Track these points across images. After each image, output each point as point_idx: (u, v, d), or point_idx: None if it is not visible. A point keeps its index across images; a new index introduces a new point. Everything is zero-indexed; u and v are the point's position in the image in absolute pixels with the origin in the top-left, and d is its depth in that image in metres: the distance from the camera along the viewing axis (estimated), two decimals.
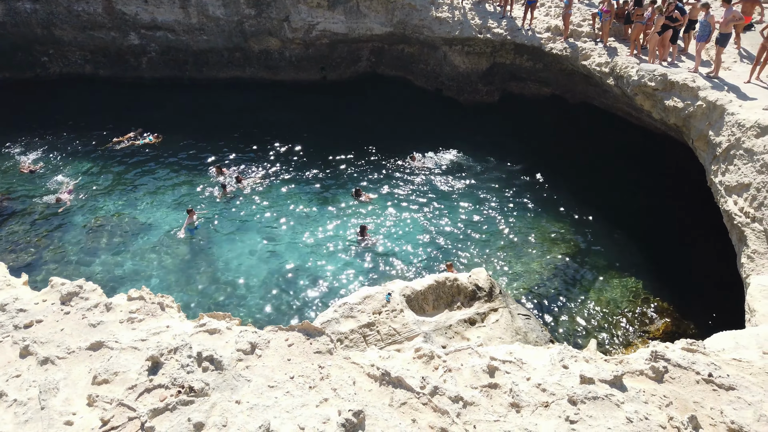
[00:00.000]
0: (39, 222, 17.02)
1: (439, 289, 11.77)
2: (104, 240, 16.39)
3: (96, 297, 4.50)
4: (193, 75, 24.50)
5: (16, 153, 20.20)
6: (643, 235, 16.10)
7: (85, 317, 4.31)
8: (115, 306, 4.38)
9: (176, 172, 19.31)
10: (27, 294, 4.69)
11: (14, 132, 21.40)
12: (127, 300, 4.45)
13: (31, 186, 18.52)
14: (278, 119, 22.31)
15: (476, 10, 20.97)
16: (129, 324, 4.22)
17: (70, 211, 17.43)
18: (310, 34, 22.97)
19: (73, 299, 4.45)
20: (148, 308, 4.33)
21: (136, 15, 23.28)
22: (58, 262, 15.48)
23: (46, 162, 19.70)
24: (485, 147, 20.19)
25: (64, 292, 4.40)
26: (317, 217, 17.28)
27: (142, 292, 4.57)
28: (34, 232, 16.60)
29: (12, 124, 21.84)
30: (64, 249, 15.95)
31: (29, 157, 19.53)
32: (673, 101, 14.65)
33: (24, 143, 20.81)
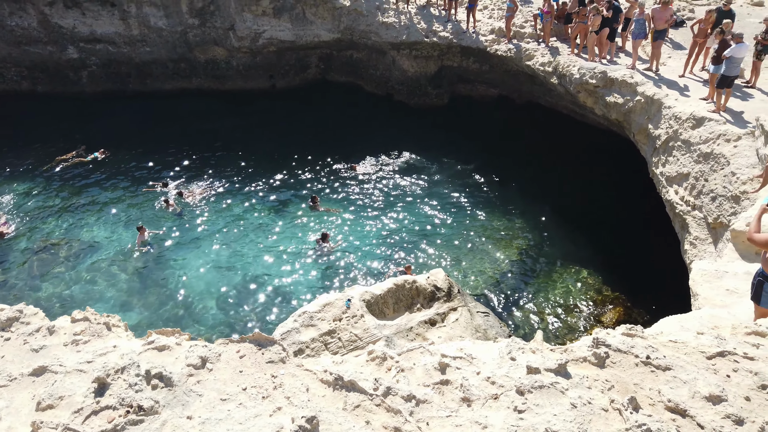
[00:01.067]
0: None
1: (399, 292, 11.84)
2: (51, 262, 15.78)
3: (38, 321, 4.36)
4: (137, 87, 23.89)
5: None
6: (593, 229, 16.60)
7: (27, 342, 4.16)
8: (58, 329, 4.24)
9: (124, 188, 18.78)
10: None
11: None
12: (71, 322, 4.32)
13: None
14: (228, 129, 21.99)
15: (421, 15, 21.24)
16: (74, 346, 4.10)
17: (12, 236, 16.72)
18: (256, 43, 22.77)
19: (14, 325, 4.29)
20: (93, 329, 4.21)
21: (74, 28, 22.56)
22: (2, 288, 14.83)
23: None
24: (438, 149, 20.44)
25: (3, 318, 4.24)
26: (272, 227, 17.12)
27: (86, 312, 4.44)
28: None
29: None
30: (7, 275, 15.29)
31: None
32: (613, 97, 15.20)
33: None
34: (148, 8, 21.98)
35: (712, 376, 3.69)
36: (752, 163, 10.98)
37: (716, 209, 11.11)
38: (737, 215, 10.19)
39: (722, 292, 8.11)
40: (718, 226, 11.03)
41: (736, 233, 9.18)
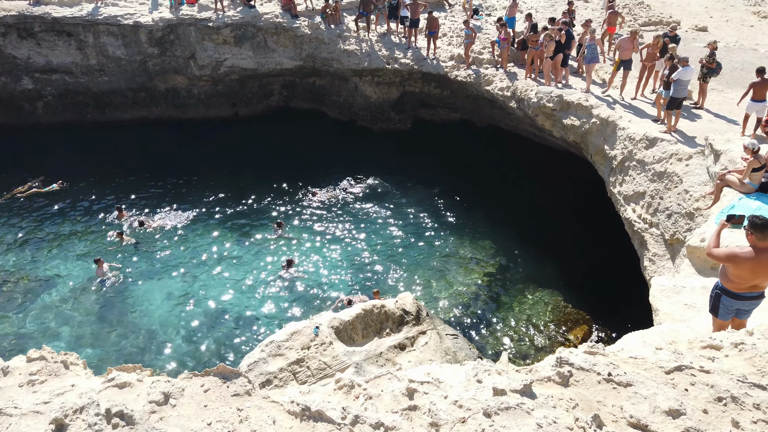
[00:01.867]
0: None
1: (368, 317, 11.79)
2: (4, 298, 15.18)
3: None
4: (96, 117, 23.43)
5: None
6: (557, 248, 16.91)
7: None
8: (13, 369, 4.07)
9: (81, 220, 18.27)
10: None
11: None
12: (26, 362, 4.15)
13: None
14: (189, 158, 21.71)
15: (383, 42, 21.60)
16: (30, 387, 3.94)
17: None
18: (218, 71, 22.71)
19: None
20: (50, 368, 4.06)
21: (29, 58, 22.09)
22: None
23: None
24: (402, 173, 20.62)
25: None
26: (237, 255, 16.88)
27: (42, 351, 4.28)
28: None
29: None
30: None
31: None
32: (570, 120, 15.68)
33: None
34: (105, 38, 21.72)
35: (671, 391, 3.79)
36: (704, 181, 11.44)
37: (672, 226, 11.50)
38: (692, 231, 10.57)
39: (681, 306, 8.36)
40: (674, 242, 11.40)
41: (691, 249, 9.50)
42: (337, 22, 21.98)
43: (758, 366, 4.18)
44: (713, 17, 21.99)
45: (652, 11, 21.83)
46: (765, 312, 6.53)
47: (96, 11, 21.38)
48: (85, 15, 21.22)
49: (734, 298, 6.12)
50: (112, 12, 21.41)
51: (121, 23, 21.27)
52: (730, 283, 6.07)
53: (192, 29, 21.71)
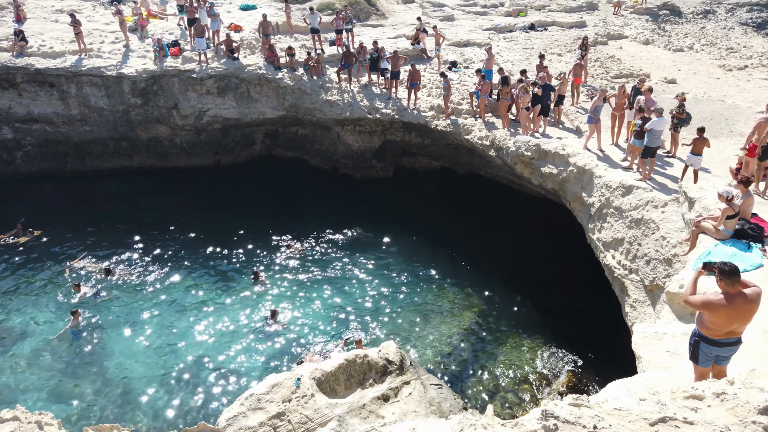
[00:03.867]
0: None
1: (350, 368, 11.59)
2: None
3: None
4: (75, 166, 23.29)
5: None
6: (539, 296, 16.96)
7: None
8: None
9: (55, 270, 17.91)
10: None
11: None
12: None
13: None
14: (169, 206, 21.56)
15: (364, 92, 22.07)
16: None
17: None
18: (201, 120, 22.90)
19: None
20: (24, 429, 3.89)
21: (9, 109, 22.06)
22: None
23: None
24: (384, 221, 20.70)
25: None
26: (216, 304, 16.61)
27: (16, 411, 4.11)
28: None
29: None
30: None
31: None
32: (548, 168, 16.02)
33: None
34: (88, 88, 21.86)
35: None
36: (680, 228, 11.69)
37: (651, 272, 11.65)
38: (671, 277, 10.72)
39: (663, 353, 8.39)
40: (654, 288, 11.53)
41: (671, 295, 9.61)
42: (320, 74, 22.47)
43: (740, 416, 4.20)
44: (681, 70, 22.96)
45: (623, 64, 22.73)
46: (743, 358, 6.59)
47: (79, 62, 21.58)
48: (69, 66, 21.40)
49: (712, 345, 6.18)
50: (95, 63, 21.62)
51: (104, 74, 21.46)
52: (707, 329, 6.15)
53: (176, 80, 21.98)
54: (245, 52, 23.14)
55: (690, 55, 25.22)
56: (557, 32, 26.84)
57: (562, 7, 30.39)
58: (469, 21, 28.43)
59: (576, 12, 29.88)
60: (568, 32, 26.66)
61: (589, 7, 30.43)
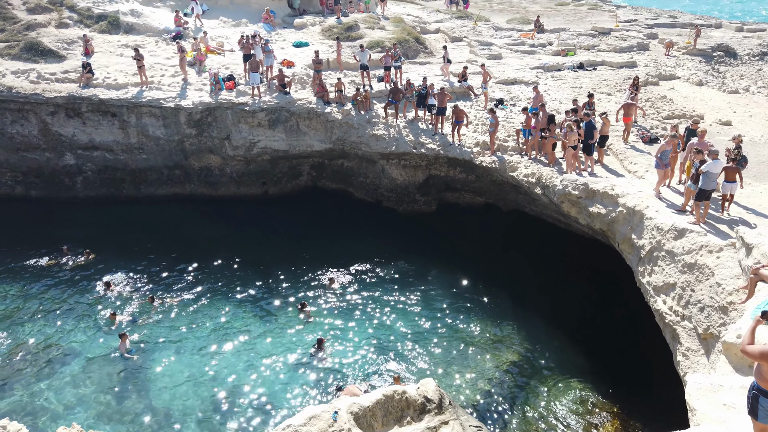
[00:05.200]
0: None
1: (388, 404, 11.43)
2: (26, 369, 15.20)
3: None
4: (131, 193, 24.29)
5: None
6: (585, 337, 16.49)
7: None
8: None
9: (107, 292, 18.50)
10: None
11: None
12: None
13: None
14: (217, 234, 22.16)
15: (410, 128, 22.32)
16: None
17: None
18: (251, 152, 23.58)
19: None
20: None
21: (73, 136, 23.31)
22: None
23: None
24: (426, 256, 20.64)
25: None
26: (259, 334, 16.79)
27: (72, 429, 4.23)
28: None
29: None
30: None
31: None
32: (596, 208, 15.71)
33: None
34: (147, 119, 22.93)
35: None
36: (736, 274, 11.21)
37: (705, 320, 11.17)
38: (727, 326, 10.24)
39: (719, 407, 7.98)
40: (708, 337, 11.03)
41: (727, 345, 9.18)
42: (367, 109, 22.91)
43: None
44: (737, 112, 22.34)
45: (675, 105, 22.29)
46: None
47: (140, 94, 22.71)
48: (130, 97, 22.54)
49: None
50: (155, 95, 22.71)
51: (163, 105, 22.49)
52: (767, 382, 5.83)
53: (229, 112, 22.80)
54: (296, 87, 23.85)
55: (746, 97, 24.55)
56: (606, 72, 26.66)
57: (612, 47, 30.23)
58: (516, 59, 28.58)
59: (626, 52, 29.64)
60: (618, 72, 26.44)
61: (639, 48, 30.16)
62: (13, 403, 13.96)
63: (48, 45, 25.05)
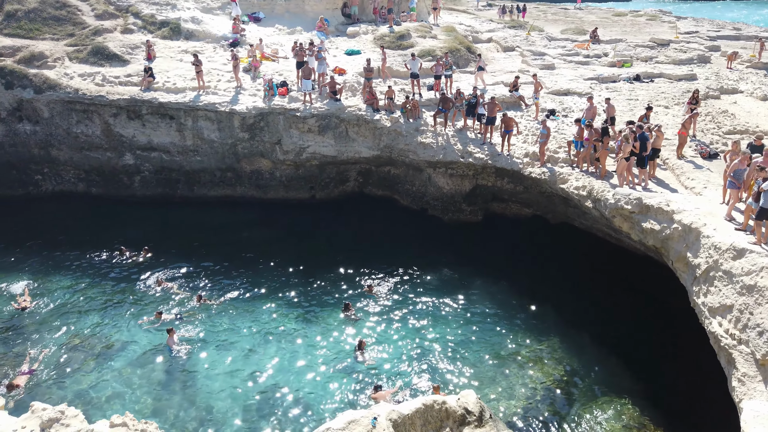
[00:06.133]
0: (9, 339, 16.54)
1: (427, 413, 11.36)
2: (80, 359, 15.86)
3: (77, 423, 4.34)
4: (185, 193, 25.10)
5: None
6: (633, 356, 15.97)
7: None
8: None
9: (158, 290, 19.13)
10: (5, 420, 4.48)
11: (2, 248, 21.38)
12: (109, 426, 4.28)
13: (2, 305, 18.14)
14: (265, 236, 22.61)
15: (458, 136, 22.25)
16: None
17: (44, 328, 16.98)
18: (300, 156, 24.00)
19: (54, 426, 4.29)
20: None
21: (133, 137, 24.30)
22: (32, 382, 14.84)
23: (34, 278, 19.45)
24: (471, 266, 20.45)
25: (45, 418, 4.25)
26: (303, 335, 16.99)
27: (125, 418, 4.41)
28: (4, 351, 16.07)
29: (4, 240, 21.89)
30: (36, 365, 15.36)
31: (21, 287, 18.85)
32: (649, 224, 15.22)
33: (10, 260, 20.70)
34: (203, 122, 23.68)
35: None
36: None
37: (764, 345, 10.64)
38: None
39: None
40: (767, 363, 10.51)
41: None
42: (416, 117, 22.98)
43: None
44: None
45: (737, 120, 21.40)
46: None
47: (197, 98, 23.49)
48: (188, 101, 23.35)
49: None
50: (211, 99, 23.45)
51: (218, 110, 23.19)
52: None
53: (281, 117, 23.30)
54: (347, 94, 24.16)
55: None
56: (664, 84, 25.87)
57: (670, 59, 29.33)
58: (570, 70, 28.11)
59: (686, 64, 28.70)
60: (677, 85, 25.62)
61: (700, 60, 29.16)
62: (68, 391, 14.58)
63: (113, 50, 26.24)
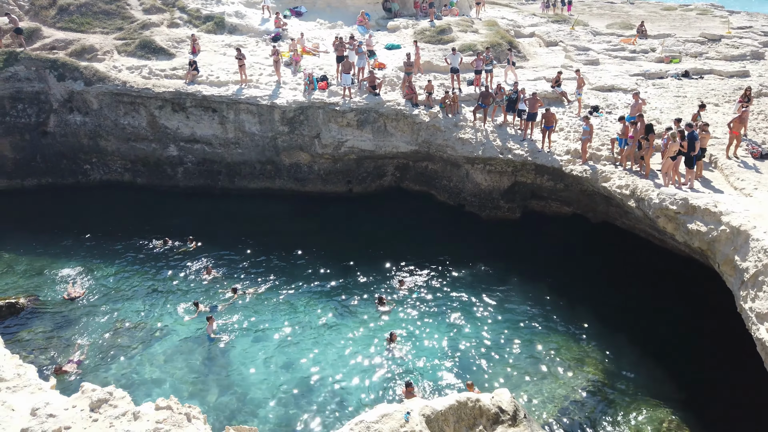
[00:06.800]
0: (60, 324, 17.22)
1: (461, 410, 11.33)
2: (124, 344, 16.43)
3: (125, 405, 4.52)
4: (225, 185, 25.61)
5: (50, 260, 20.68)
6: (674, 362, 15.56)
7: (113, 426, 4.30)
8: (142, 415, 4.37)
9: (202, 279, 19.61)
10: (57, 399, 4.71)
11: (53, 234, 22.23)
12: (154, 409, 4.44)
13: (53, 291, 18.88)
14: (302, 229, 22.89)
15: (498, 132, 22.00)
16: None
17: (91, 313, 17.63)
18: (338, 150, 24.17)
19: (103, 406, 4.47)
20: (174, 419, 4.30)
21: (177, 129, 24.90)
22: (79, 365, 15.46)
23: (83, 266, 20.18)
24: (508, 263, 20.23)
25: (95, 399, 4.43)
26: (337, 326, 17.18)
27: (170, 401, 4.56)
28: (56, 334, 16.76)
29: (52, 226, 22.76)
30: (84, 352, 15.98)
31: (73, 280, 19.38)
32: (695, 225, 14.76)
33: (60, 247, 21.52)
34: (245, 115, 24.08)
35: None
36: None
37: None
38: None
39: None
40: None
41: None
42: (455, 112, 22.82)
43: None
44: None
45: None
46: None
47: (240, 92, 23.90)
48: (230, 94, 23.78)
49: None
50: (253, 93, 23.83)
51: (259, 103, 23.55)
52: None
53: (320, 111, 23.51)
54: (386, 89, 24.17)
55: None
56: (715, 81, 24.99)
57: (721, 55, 28.29)
58: (615, 66, 27.42)
59: (738, 60, 27.64)
60: (728, 82, 24.72)
61: (753, 56, 28.03)
62: (114, 374, 15.13)
63: (160, 43, 26.90)
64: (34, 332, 16.79)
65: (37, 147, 25.35)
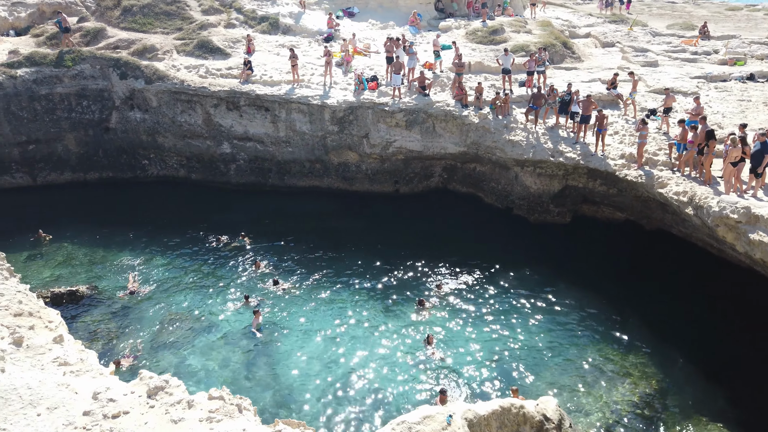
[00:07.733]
0: (117, 313, 17.95)
1: (504, 416, 11.20)
2: (175, 335, 16.97)
3: (179, 393, 4.69)
4: (275, 182, 26.13)
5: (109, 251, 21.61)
6: (728, 379, 14.88)
7: (168, 412, 4.48)
8: (196, 404, 4.53)
9: (252, 273, 20.08)
10: (117, 384, 4.95)
11: (112, 227, 23.20)
12: (207, 399, 4.60)
13: (111, 281, 19.68)
14: (348, 227, 23.09)
15: (549, 134, 21.60)
16: (208, 423, 4.33)
17: (146, 304, 18.30)
18: (387, 150, 24.26)
19: (159, 393, 4.66)
20: (226, 409, 4.45)
21: (231, 127, 25.57)
22: (133, 353, 16.09)
23: (141, 258, 20.99)
24: (557, 269, 19.82)
25: (152, 386, 4.63)
26: (378, 325, 17.24)
27: (222, 392, 4.71)
28: (113, 323, 17.49)
29: (111, 219, 23.77)
30: (139, 343, 16.59)
31: (131, 273, 19.97)
32: (758, 235, 14.09)
33: (118, 239, 22.44)
34: (296, 114, 24.50)
35: None
36: None
37: None
38: None
39: None
40: None
41: None
42: (505, 114, 22.54)
43: None
44: None
45: None
46: None
47: (291, 91, 24.33)
48: (283, 94, 24.25)
49: None
50: (304, 93, 24.22)
51: (310, 103, 23.92)
52: None
53: (369, 112, 23.67)
54: (436, 89, 24.11)
55: None
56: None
57: None
58: (675, 68, 26.46)
59: None
60: None
61: None
62: (166, 364, 15.67)
63: (216, 43, 27.69)
64: (93, 320, 17.57)
65: (100, 142, 26.55)
